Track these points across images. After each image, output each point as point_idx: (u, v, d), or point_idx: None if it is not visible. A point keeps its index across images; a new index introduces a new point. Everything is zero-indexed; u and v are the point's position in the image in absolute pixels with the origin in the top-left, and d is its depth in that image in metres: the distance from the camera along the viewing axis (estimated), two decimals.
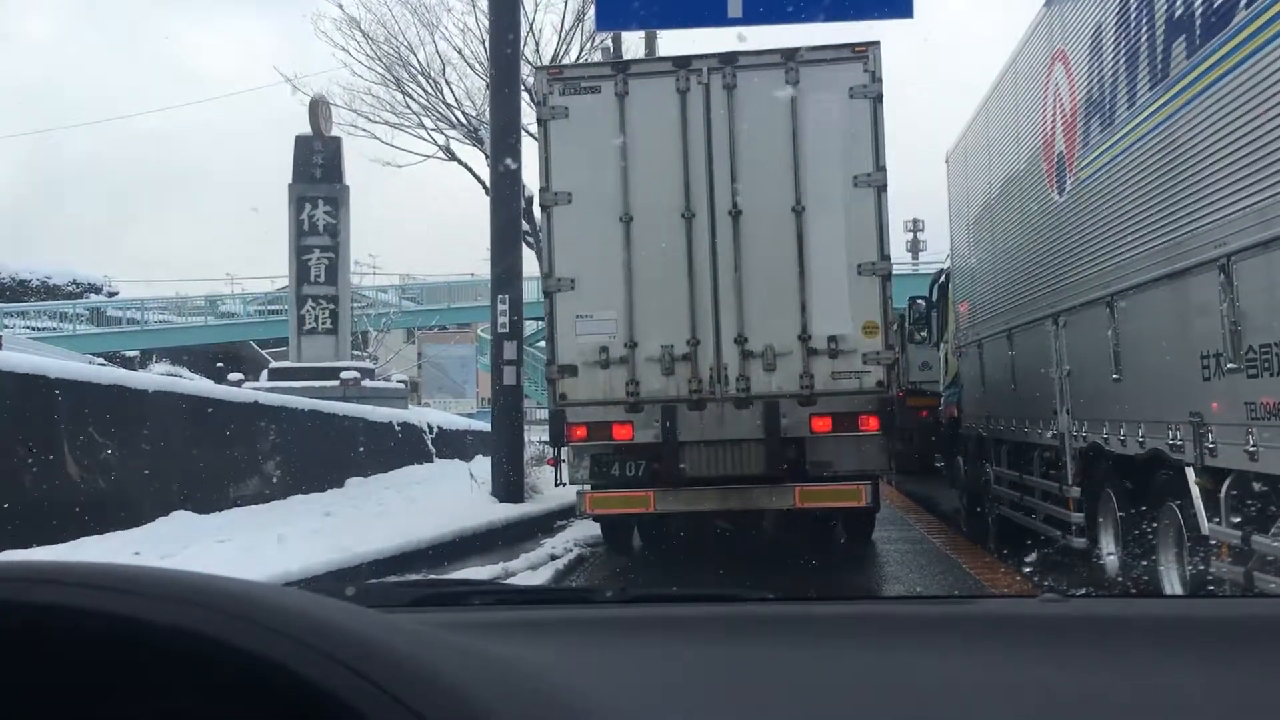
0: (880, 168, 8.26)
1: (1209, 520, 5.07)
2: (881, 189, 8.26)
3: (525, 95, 13.41)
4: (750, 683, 1.09)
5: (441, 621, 1.22)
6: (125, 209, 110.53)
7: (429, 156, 20.71)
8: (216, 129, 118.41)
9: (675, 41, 29.66)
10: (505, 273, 11.62)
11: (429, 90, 19.74)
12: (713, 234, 8.33)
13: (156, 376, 13.00)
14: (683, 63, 8.55)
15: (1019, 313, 8.82)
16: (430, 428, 16.07)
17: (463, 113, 19.60)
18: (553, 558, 9.03)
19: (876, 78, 8.29)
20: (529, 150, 11.51)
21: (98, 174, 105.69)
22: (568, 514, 10.61)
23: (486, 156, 14.15)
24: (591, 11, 15.50)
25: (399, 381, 23.80)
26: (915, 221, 40.04)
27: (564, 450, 8.67)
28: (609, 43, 18.24)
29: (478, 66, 18.71)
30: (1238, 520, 4.82)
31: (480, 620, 1.34)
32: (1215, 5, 4.96)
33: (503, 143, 11.82)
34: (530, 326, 20.22)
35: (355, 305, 28.23)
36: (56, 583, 0.80)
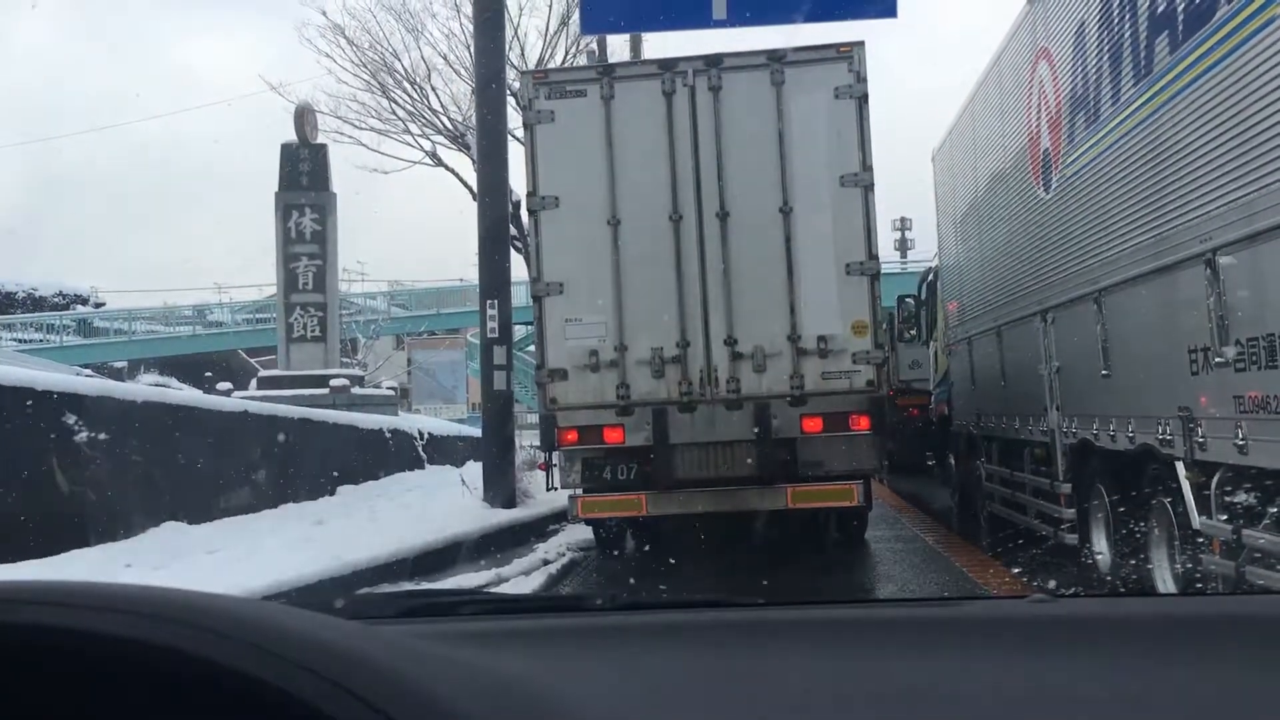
0: (867, 167, 8.26)
1: (1200, 515, 5.09)
2: (868, 188, 8.27)
3: (511, 99, 13.39)
4: (742, 688, 1.09)
5: (431, 633, 1.22)
6: (111, 219, 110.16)
7: (416, 162, 20.59)
8: (202, 138, 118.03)
9: (660, 44, 29.67)
10: (493, 278, 11.60)
11: (414, 96, 19.64)
12: (700, 236, 8.33)
13: (145, 387, 12.94)
14: (668, 65, 8.55)
15: (1007, 310, 8.84)
16: (421, 434, 16.05)
17: (449, 118, 19.50)
18: (545, 562, 9.02)
19: (861, 77, 8.30)
20: (515, 154, 11.49)
21: (82, 184, 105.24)
22: (560, 518, 10.59)
23: (473, 161, 14.10)
24: (576, 15, 15.49)
25: (389, 388, 23.74)
26: (903, 220, 40.08)
27: (555, 454, 8.66)
28: (594, 46, 18.20)
29: (463, 72, 18.61)
30: (1228, 514, 4.84)
31: (470, 631, 1.33)
32: (1196, 1, 4.98)
33: (489, 148, 11.81)
34: (520, 331, 20.21)
35: (344, 312, 28.19)
36: (44, 604, 0.80)
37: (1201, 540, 5.11)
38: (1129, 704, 1.00)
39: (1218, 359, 4.77)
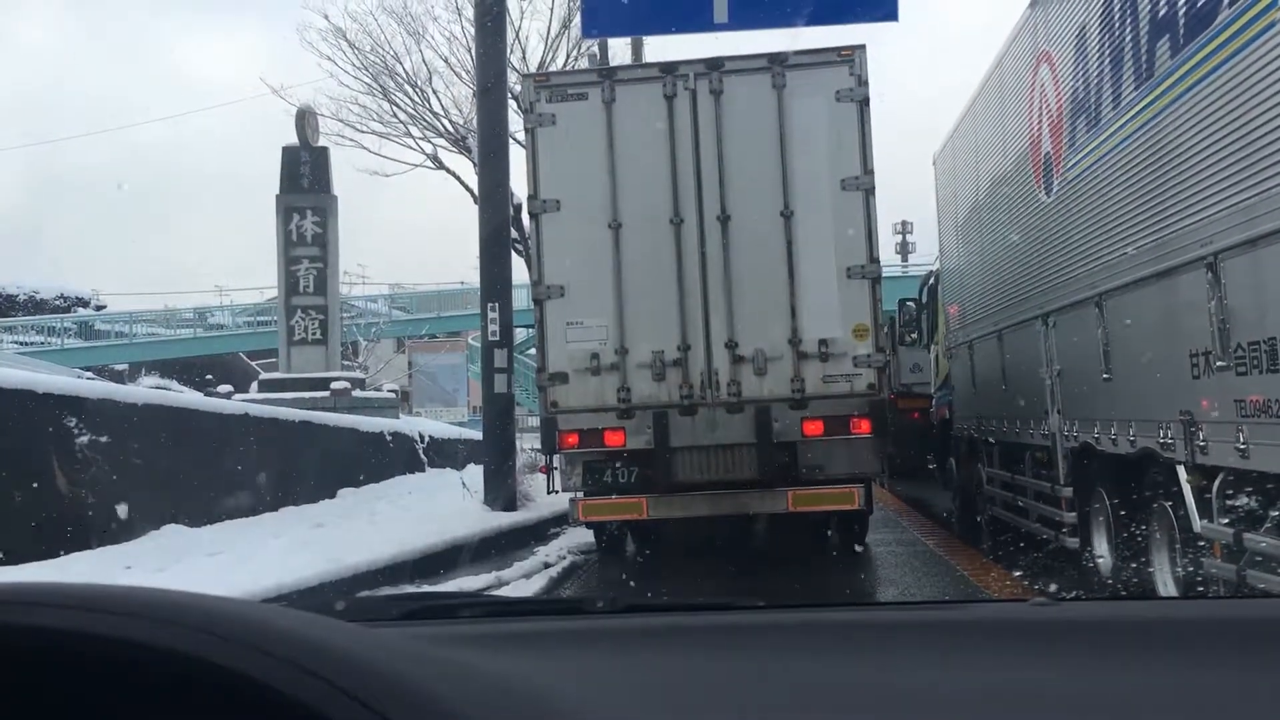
0: (868, 170, 8.26)
1: (1201, 518, 5.08)
2: (870, 192, 8.27)
3: (512, 102, 13.41)
4: (743, 691, 1.09)
5: (432, 635, 1.22)
6: (112, 221, 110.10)
7: (417, 165, 20.61)
8: (203, 141, 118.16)
9: (661, 47, 29.67)
10: (494, 281, 11.61)
11: (416, 99, 19.66)
12: (702, 239, 8.33)
13: (146, 390, 12.96)
14: (669, 68, 8.55)
15: (1008, 313, 8.84)
16: (422, 437, 16.05)
17: (450, 121, 19.53)
18: (546, 566, 9.02)
19: (863, 81, 8.30)
20: (517, 157, 11.51)
21: (83, 187, 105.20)
22: (561, 521, 10.60)
23: (474, 165, 14.11)
24: (578, 19, 15.50)
25: (390, 391, 23.74)
26: (904, 224, 40.04)
27: (556, 458, 8.65)
28: (595, 49, 18.21)
29: (464, 75, 18.64)
30: (1229, 518, 4.83)
31: (471, 633, 1.33)
32: (1198, 5, 4.98)
33: (490, 151, 11.82)
34: (521, 334, 20.18)
35: (345, 315, 28.19)
36: (46, 605, 0.80)
37: (1202, 544, 5.10)
38: (1130, 707, 1.00)
39: (1219, 362, 4.77)
